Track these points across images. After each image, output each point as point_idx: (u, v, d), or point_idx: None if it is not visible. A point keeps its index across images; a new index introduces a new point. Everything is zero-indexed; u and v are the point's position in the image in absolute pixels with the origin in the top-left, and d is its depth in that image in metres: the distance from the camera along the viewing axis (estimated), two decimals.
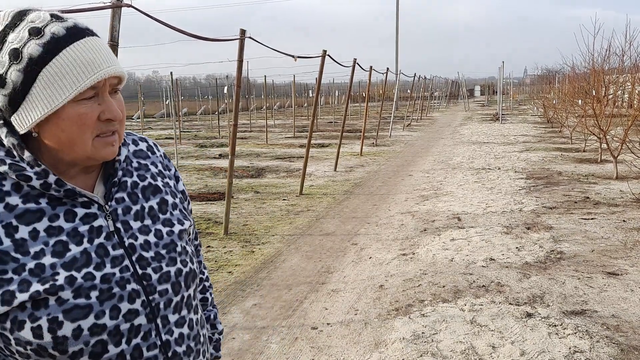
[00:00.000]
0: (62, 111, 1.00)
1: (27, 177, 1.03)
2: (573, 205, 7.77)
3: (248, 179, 10.94)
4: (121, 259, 1.09)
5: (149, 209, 1.18)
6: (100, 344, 1.03)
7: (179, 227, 1.20)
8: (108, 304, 1.04)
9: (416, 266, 5.32)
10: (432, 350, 3.59)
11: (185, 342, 1.17)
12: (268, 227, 7.01)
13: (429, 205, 8.08)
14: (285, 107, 44.36)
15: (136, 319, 1.08)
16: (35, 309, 0.99)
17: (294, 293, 4.74)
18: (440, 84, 48.67)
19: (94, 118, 1.03)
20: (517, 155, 13.71)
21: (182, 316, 1.17)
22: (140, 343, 1.08)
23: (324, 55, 9.46)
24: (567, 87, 18.30)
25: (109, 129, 1.05)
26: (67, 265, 1.03)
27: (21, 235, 1.01)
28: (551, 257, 5.43)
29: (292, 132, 22.16)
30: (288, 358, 3.58)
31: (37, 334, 0.99)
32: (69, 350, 1.01)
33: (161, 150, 1.32)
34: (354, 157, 14.22)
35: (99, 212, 1.10)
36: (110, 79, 1.04)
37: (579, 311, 4.14)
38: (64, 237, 1.04)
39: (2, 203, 1.02)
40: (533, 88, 45.11)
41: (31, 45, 0.98)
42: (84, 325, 1.01)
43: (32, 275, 1.00)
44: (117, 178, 1.14)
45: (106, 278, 1.05)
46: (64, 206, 1.07)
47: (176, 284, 1.15)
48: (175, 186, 1.29)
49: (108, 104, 1.04)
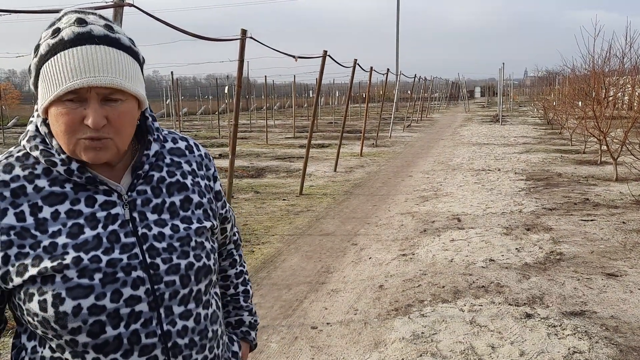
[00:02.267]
0: (52, 107, 1.08)
1: (54, 162, 1.12)
2: (573, 206, 7.78)
3: (248, 179, 10.95)
4: (131, 247, 1.14)
5: (170, 205, 1.22)
6: (98, 324, 1.08)
7: (197, 225, 1.24)
8: (110, 287, 1.09)
9: (416, 267, 5.33)
10: (431, 350, 3.60)
11: (188, 335, 1.18)
12: (268, 227, 7.02)
13: (429, 206, 8.09)
14: (285, 108, 44.38)
15: (137, 305, 1.11)
16: (43, 284, 1.08)
17: (293, 293, 4.75)
18: (440, 85, 48.69)
19: (75, 120, 1.07)
20: (517, 156, 13.72)
21: (189, 309, 1.18)
22: (139, 329, 1.11)
23: (324, 55, 9.47)
24: (567, 89, 18.32)
25: (92, 135, 1.08)
26: (78, 246, 1.10)
27: (43, 215, 1.11)
28: (551, 258, 5.44)
29: (292, 133, 22.18)
30: (288, 357, 3.59)
31: (43, 307, 1.07)
32: (68, 326, 1.07)
33: (202, 151, 1.36)
34: (354, 157, 14.23)
35: (118, 201, 1.16)
36: (98, 88, 1.06)
37: (578, 312, 4.15)
38: (81, 221, 1.12)
39: (32, 184, 1.12)
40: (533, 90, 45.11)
41: (44, 44, 1.09)
42: (83, 304, 1.07)
43: (45, 252, 1.08)
44: (142, 171, 1.20)
45: (112, 262, 1.10)
46: (87, 192, 1.14)
47: (185, 277, 1.17)
48: (209, 186, 1.33)
49: (91, 111, 1.06)
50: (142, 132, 1.24)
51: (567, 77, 19.63)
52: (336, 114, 33.81)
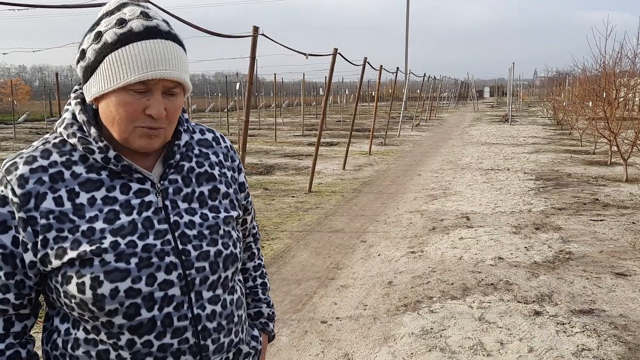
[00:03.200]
0: (113, 94, 1.12)
1: (91, 150, 1.16)
2: (582, 206, 7.77)
3: (257, 176, 11.00)
4: (164, 233, 1.18)
5: (199, 194, 1.26)
6: (134, 306, 1.13)
7: (224, 214, 1.28)
8: (145, 271, 1.14)
9: (425, 264, 5.35)
10: (440, 345, 3.63)
11: (216, 320, 1.23)
12: (277, 223, 7.06)
13: (438, 205, 8.10)
14: (293, 106, 44.42)
15: (170, 289, 1.16)
16: (81, 267, 1.12)
17: (303, 288, 4.79)
18: (449, 84, 48.58)
19: (137, 110, 1.12)
20: (527, 156, 13.69)
21: (217, 295, 1.24)
22: (172, 312, 1.16)
23: (334, 53, 9.50)
24: (577, 89, 18.24)
25: (151, 124, 1.14)
26: (115, 231, 1.14)
27: (81, 201, 1.15)
28: (560, 257, 5.45)
29: (300, 131, 22.22)
30: (298, 350, 3.63)
31: (81, 289, 1.12)
32: (105, 308, 1.11)
33: (227, 142, 1.41)
34: (363, 156, 14.25)
35: (151, 189, 1.20)
36: (164, 81, 1.12)
37: (587, 310, 4.16)
38: (117, 207, 1.16)
39: (69, 171, 1.16)
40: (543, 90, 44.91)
41: (111, 32, 1.12)
42: (120, 287, 1.11)
43: (84, 236, 1.13)
44: (174, 161, 1.24)
45: (147, 248, 1.15)
46: (121, 180, 1.19)
47: (214, 263, 1.22)
48: (234, 177, 1.38)
49: (155, 102, 1.13)
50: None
51: (578, 77, 19.54)
52: (345, 112, 33.83)
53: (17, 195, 1.12)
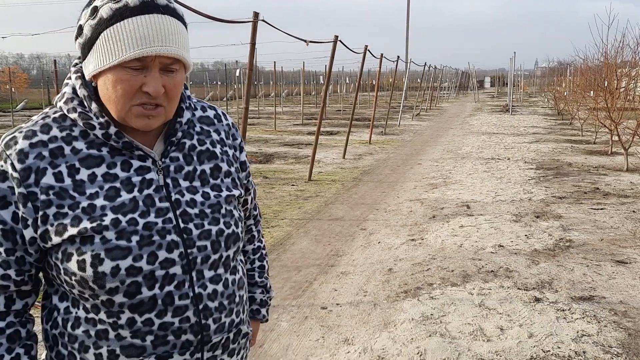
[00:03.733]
0: (109, 71, 1.09)
1: (92, 125, 1.14)
2: (583, 195, 7.76)
3: (257, 164, 10.97)
4: (166, 211, 1.16)
5: (201, 172, 1.24)
6: (135, 285, 1.11)
7: (226, 193, 1.26)
8: (147, 249, 1.12)
9: (425, 251, 5.35)
10: (440, 331, 3.63)
11: (218, 299, 1.22)
12: (277, 211, 7.05)
13: (438, 193, 8.09)
14: (293, 95, 44.29)
15: (172, 268, 1.14)
16: (82, 244, 1.10)
17: (303, 274, 4.78)
18: (450, 74, 48.42)
19: (134, 87, 1.09)
20: (527, 146, 13.67)
21: (218, 274, 1.22)
22: (173, 291, 1.15)
23: (335, 40, 9.44)
24: (579, 79, 18.16)
25: (150, 101, 1.10)
26: (116, 208, 1.12)
27: (81, 177, 1.13)
28: (560, 245, 5.45)
29: (300, 120, 22.16)
30: (298, 335, 3.63)
31: (81, 267, 1.10)
32: (106, 286, 1.10)
33: (229, 120, 1.38)
34: (363, 145, 14.22)
35: (152, 166, 1.18)
36: (162, 58, 1.09)
37: (587, 297, 4.16)
38: (118, 184, 1.14)
39: (70, 146, 1.14)
40: (544, 80, 44.77)
41: (106, 7, 1.09)
42: (121, 265, 1.10)
43: (84, 213, 1.11)
44: (176, 138, 1.22)
45: (148, 226, 1.13)
46: (122, 156, 1.16)
47: (216, 242, 1.20)
48: (236, 155, 1.35)
49: (152, 78, 1.09)
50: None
51: (579, 67, 19.46)
52: (345, 101, 33.71)
53: (17, 170, 1.10)
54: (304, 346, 3.49)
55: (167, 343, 1.16)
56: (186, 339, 1.18)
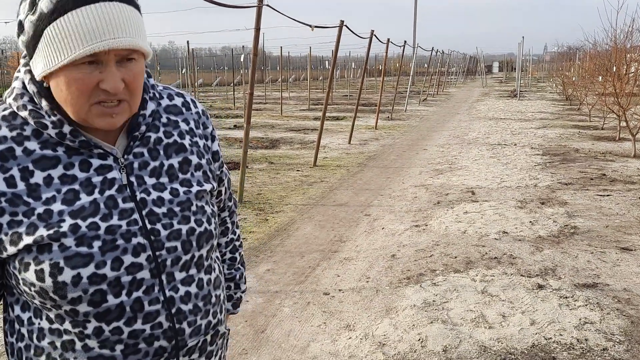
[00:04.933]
0: (60, 72, 0.99)
1: (44, 125, 1.04)
2: (589, 181, 7.71)
3: (262, 150, 10.97)
4: (130, 212, 1.08)
5: (169, 167, 1.15)
6: (100, 293, 1.04)
7: (197, 188, 1.17)
8: (110, 254, 1.04)
9: (428, 237, 5.34)
10: (442, 317, 3.63)
11: (192, 301, 1.15)
12: (282, 196, 7.06)
13: (443, 179, 8.06)
14: (300, 80, 44.13)
15: (139, 272, 1.07)
16: (39, 253, 1.02)
17: (306, 260, 4.79)
18: (458, 59, 48.01)
19: (90, 85, 0.99)
20: (534, 131, 13.57)
21: (191, 275, 1.15)
22: (142, 297, 1.08)
23: (341, 25, 9.37)
24: (587, 64, 17.96)
25: (109, 97, 1.01)
26: (74, 213, 1.03)
27: (35, 180, 1.03)
28: (565, 232, 5.42)
29: (306, 105, 22.09)
30: (300, 321, 3.65)
31: (40, 277, 1.02)
32: (68, 296, 1.02)
33: (199, 107, 1.27)
34: (369, 130, 14.17)
35: (114, 164, 1.09)
36: (118, 50, 0.98)
37: (590, 284, 4.15)
38: (77, 186, 1.05)
39: (21, 147, 1.04)
40: (552, 65, 44.32)
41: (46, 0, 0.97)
42: (83, 274, 1.02)
43: (40, 220, 1.02)
44: (139, 132, 1.12)
45: (111, 229, 1.05)
46: (80, 156, 1.07)
47: (187, 242, 1.12)
48: (207, 145, 1.26)
49: (109, 74, 0.99)
50: None
51: (588, 52, 19.23)
52: (351, 87, 33.58)
53: None
54: (305, 332, 3.51)
55: (138, 351, 1.09)
56: (159, 346, 1.11)
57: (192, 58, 21.11)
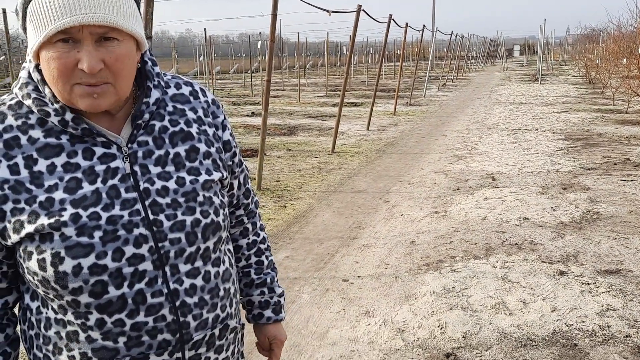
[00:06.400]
0: (42, 49, 0.98)
1: (47, 112, 1.04)
2: (612, 166, 7.57)
3: (280, 137, 10.97)
4: (133, 202, 1.06)
5: (175, 156, 1.13)
6: (100, 284, 1.03)
7: (205, 177, 1.15)
8: (111, 245, 1.03)
9: (448, 224, 5.31)
10: (462, 304, 3.62)
11: (197, 294, 1.13)
12: (300, 183, 7.06)
13: (463, 165, 7.99)
14: (317, 67, 43.95)
15: (141, 264, 1.06)
16: (41, 242, 1.02)
17: (325, 247, 4.80)
18: (477, 43, 47.32)
19: (68, 65, 0.97)
20: (556, 116, 13.35)
21: (196, 267, 1.12)
22: (144, 289, 1.06)
23: (358, 10, 9.28)
24: (611, 46, 17.58)
25: (89, 80, 0.98)
26: (76, 202, 1.03)
27: (39, 168, 1.03)
28: (587, 218, 5.34)
29: (324, 91, 22.01)
30: (319, 307, 3.67)
31: (42, 266, 1.02)
32: (69, 286, 1.02)
33: (209, 96, 1.25)
34: (387, 116, 14.08)
35: (117, 153, 1.08)
36: (91, 27, 0.96)
37: (613, 270, 4.09)
38: (79, 175, 1.04)
39: (26, 135, 1.04)
40: (575, 48, 43.46)
41: None
42: (84, 264, 1.01)
43: (42, 208, 1.02)
44: (143, 120, 1.10)
45: (112, 219, 1.04)
46: (84, 144, 1.06)
47: (191, 234, 1.10)
48: (217, 135, 1.22)
49: (85, 53, 0.96)
50: (143, 78, 1.13)
51: (612, 34, 18.81)
52: (369, 72, 33.34)
53: None
54: (325, 318, 3.52)
55: (141, 344, 1.08)
56: (163, 339, 1.09)
57: (209, 45, 21.14)
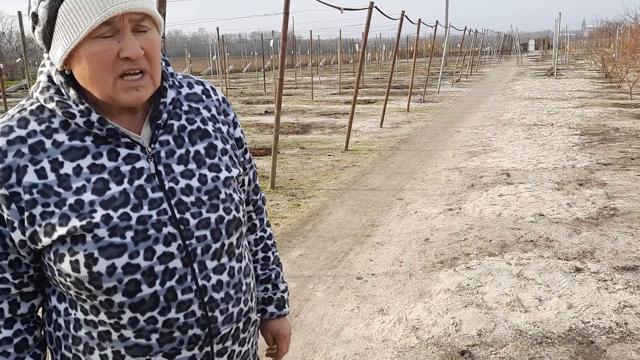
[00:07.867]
0: (80, 48, 1.00)
1: (72, 114, 1.05)
2: (629, 162, 7.47)
3: (293, 135, 10.99)
4: (159, 202, 1.09)
5: (195, 153, 1.16)
6: (134, 283, 1.05)
7: (225, 174, 1.18)
8: (143, 244, 1.05)
9: (462, 221, 5.28)
10: (477, 301, 3.60)
11: (223, 289, 1.16)
12: (313, 181, 7.07)
13: (477, 162, 7.94)
14: (330, 64, 43.89)
15: (171, 262, 1.08)
16: (73, 244, 1.03)
17: (339, 245, 4.81)
18: (492, 38, 46.90)
19: (111, 56, 1.00)
20: (572, 111, 13.20)
21: (222, 263, 1.16)
22: (175, 286, 1.09)
23: (370, 7, 9.25)
24: (628, 40, 17.32)
25: (132, 67, 1.02)
26: (105, 203, 1.05)
27: (65, 171, 1.05)
28: (604, 214, 5.28)
29: (337, 89, 21.99)
30: (333, 305, 3.67)
31: (75, 267, 1.04)
32: (103, 286, 1.04)
33: (219, 95, 1.28)
34: (401, 113, 14.02)
35: (141, 154, 1.10)
36: (131, 15, 1.00)
37: (630, 267, 4.04)
38: (106, 175, 1.07)
39: (50, 139, 1.06)
40: (591, 42, 42.90)
41: None
42: (117, 264, 1.04)
43: (72, 210, 1.04)
44: (162, 120, 1.13)
45: (142, 219, 1.06)
46: (108, 145, 1.08)
47: (216, 231, 1.13)
48: (230, 132, 1.26)
49: (127, 41, 1.01)
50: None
51: (629, 27, 18.53)
52: (382, 69, 33.22)
53: None
54: (339, 316, 3.53)
55: (173, 340, 1.11)
56: (193, 334, 1.13)
57: (222, 44, 21.22)
